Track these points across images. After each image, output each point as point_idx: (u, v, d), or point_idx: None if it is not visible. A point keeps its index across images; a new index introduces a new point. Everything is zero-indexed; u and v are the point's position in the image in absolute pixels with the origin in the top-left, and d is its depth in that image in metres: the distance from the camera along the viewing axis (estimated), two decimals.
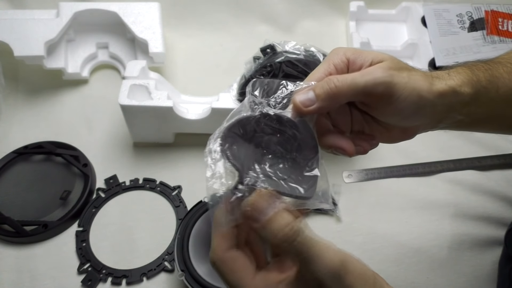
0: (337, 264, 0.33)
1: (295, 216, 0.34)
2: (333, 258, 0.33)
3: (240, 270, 0.34)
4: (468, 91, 0.41)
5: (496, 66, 0.44)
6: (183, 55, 0.85)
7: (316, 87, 0.38)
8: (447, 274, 0.61)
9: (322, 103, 0.38)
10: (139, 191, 0.70)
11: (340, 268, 0.33)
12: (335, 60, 0.40)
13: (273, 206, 0.33)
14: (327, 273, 0.33)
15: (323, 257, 0.33)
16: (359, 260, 0.35)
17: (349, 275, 0.33)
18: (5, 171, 0.70)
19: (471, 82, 0.41)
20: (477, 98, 0.42)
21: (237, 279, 0.34)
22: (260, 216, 0.33)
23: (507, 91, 0.43)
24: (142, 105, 0.66)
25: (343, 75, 0.39)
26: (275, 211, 0.33)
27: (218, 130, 0.37)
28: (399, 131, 0.43)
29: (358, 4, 0.85)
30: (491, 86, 0.42)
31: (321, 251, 0.33)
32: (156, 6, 0.80)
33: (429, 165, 0.71)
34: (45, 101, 0.79)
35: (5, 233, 0.64)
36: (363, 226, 0.66)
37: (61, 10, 0.77)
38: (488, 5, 0.83)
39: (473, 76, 0.42)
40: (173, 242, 0.64)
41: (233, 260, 0.34)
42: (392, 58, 0.41)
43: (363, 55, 0.40)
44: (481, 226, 0.65)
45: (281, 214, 0.33)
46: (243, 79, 0.65)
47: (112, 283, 0.61)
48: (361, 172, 0.71)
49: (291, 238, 0.32)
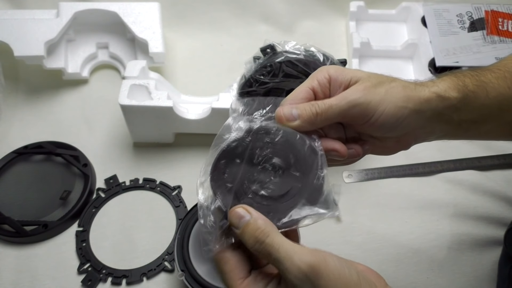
0: (306, 266, 0.33)
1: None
2: (302, 259, 0.33)
3: (229, 271, 0.36)
4: (454, 95, 0.42)
5: (484, 72, 0.45)
6: (183, 55, 0.85)
7: (299, 107, 0.40)
8: (447, 274, 0.61)
9: (303, 124, 0.40)
10: (139, 191, 0.70)
11: (309, 272, 0.33)
12: (318, 76, 0.42)
13: (249, 215, 0.36)
14: (297, 275, 0.33)
15: (291, 258, 0.33)
16: (342, 264, 0.34)
17: (322, 278, 0.33)
18: (5, 171, 0.70)
19: (456, 87, 0.42)
20: (466, 102, 0.43)
21: (226, 279, 0.37)
22: (239, 223, 0.36)
23: (497, 96, 0.44)
24: (142, 105, 0.66)
25: (323, 101, 0.41)
26: (253, 217, 0.36)
27: (206, 163, 0.39)
28: (393, 141, 0.44)
29: (358, 4, 0.85)
30: (480, 90, 0.43)
31: (289, 253, 0.34)
32: (156, 6, 0.80)
33: (429, 165, 0.71)
34: (45, 101, 0.79)
35: (5, 233, 0.64)
36: (363, 226, 0.66)
37: (61, 10, 0.77)
38: (488, 5, 0.83)
39: (458, 81, 0.43)
40: (173, 242, 0.64)
41: (225, 261, 0.37)
42: (369, 75, 0.42)
43: (343, 73, 0.42)
44: (481, 226, 0.65)
45: (255, 221, 0.35)
46: (243, 79, 0.65)
47: (112, 283, 0.61)
48: (361, 172, 0.71)
49: (260, 240, 0.35)
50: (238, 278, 0.36)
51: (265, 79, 0.62)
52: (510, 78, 0.44)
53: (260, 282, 0.36)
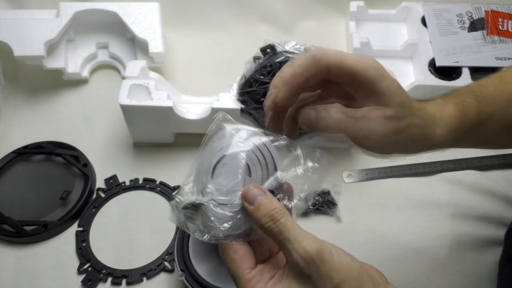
0: (312, 251, 0.34)
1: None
2: (310, 243, 0.34)
3: (237, 260, 0.37)
4: (456, 136, 0.44)
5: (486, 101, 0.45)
6: (183, 55, 0.85)
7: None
8: (447, 274, 0.61)
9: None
10: (139, 191, 0.70)
11: (315, 256, 0.34)
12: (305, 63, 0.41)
13: (265, 195, 0.37)
14: (303, 257, 0.34)
15: (301, 240, 0.34)
16: (345, 254, 0.35)
17: (326, 264, 0.34)
18: (5, 171, 0.70)
19: (461, 126, 0.44)
20: (466, 133, 0.45)
21: (233, 268, 0.37)
22: (254, 200, 0.37)
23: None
24: (142, 105, 0.66)
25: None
26: (268, 197, 0.37)
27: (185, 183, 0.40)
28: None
29: (358, 4, 0.85)
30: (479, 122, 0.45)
31: (300, 235, 0.35)
32: (156, 6, 0.80)
33: (429, 165, 0.71)
34: (45, 101, 0.79)
35: (5, 233, 0.64)
36: (363, 226, 0.66)
37: (61, 10, 0.77)
38: (488, 5, 0.83)
39: (462, 120, 0.44)
40: (173, 242, 0.64)
41: (234, 250, 0.37)
42: (392, 92, 0.41)
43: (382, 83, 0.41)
44: (481, 226, 0.65)
45: (271, 200, 0.37)
46: (243, 79, 0.65)
47: (112, 283, 0.61)
48: (361, 172, 0.71)
49: (276, 218, 0.35)
50: (246, 267, 0.37)
51: (265, 79, 0.62)
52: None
53: (266, 273, 0.36)
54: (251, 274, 0.36)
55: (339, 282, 0.34)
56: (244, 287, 0.36)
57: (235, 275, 0.37)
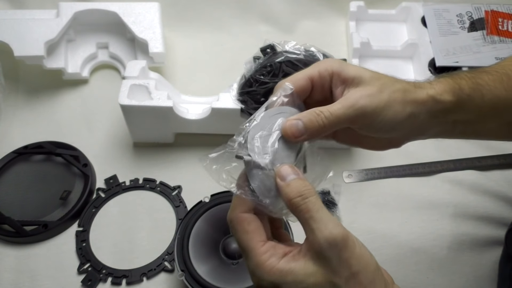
0: (338, 234, 0.34)
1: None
2: (336, 227, 0.34)
3: (251, 231, 0.37)
4: (449, 99, 0.42)
5: (481, 74, 0.45)
6: (183, 55, 0.85)
7: (305, 118, 0.39)
8: (447, 274, 0.61)
9: (310, 137, 0.40)
10: (139, 191, 0.70)
11: (339, 240, 0.34)
12: (321, 68, 0.42)
13: (298, 175, 0.38)
14: (327, 238, 0.34)
15: (328, 222, 0.35)
16: (365, 248, 0.36)
17: (348, 250, 0.34)
18: (5, 171, 0.70)
19: (452, 90, 0.43)
20: (461, 105, 0.43)
21: (247, 239, 0.37)
22: (287, 177, 0.37)
23: (492, 98, 0.44)
24: (142, 105, 0.66)
25: (330, 111, 0.40)
26: (300, 177, 0.37)
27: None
28: (385, 140, 0.45)
29: (358, 4, 0.85)
30: (475, 93, 0.43)
31: (328, 217, 0.35)
32: (156, 6, 0.80)
33: (429, 165, 0.71)
34: (45, 101, 0.79)
35: (5, 233, 0.64)
36: (363, 226, 0.66)
37: (61, 10, 0.77)
38: (488, 5, 0.83)
39: (454, 84, 0.43)
40: (173, 242, 0.64)
41: (248, 221, 0.37)
42: (371, 76, 0.42)
43: (347, 70, 0.42)
44: (481, 226, 0.65)
45: (303, 180, 0.37)
46: (243, 79, 0.65)
47: (112, 283, 0.61)
48: (361, 172, 0.71)
49: (306, 195, 0.36)
50: (260, 240, 0.37)
51: (265, 79, 0.62)
52: (507, 80, 0.44)
53: (279, 249, 0.36)
54: (265, 247, 0.36)
55: (356, 272, 0.34)
56: (257, 260, 0.36)
57: (248, 246, 0.36)
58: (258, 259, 0.36)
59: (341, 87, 0.42)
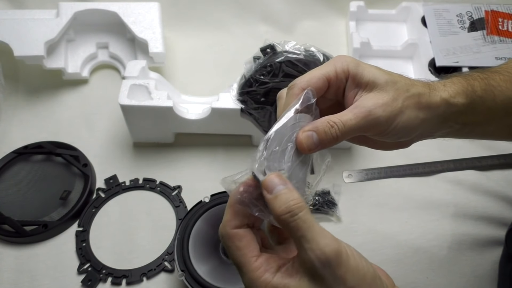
0: (330, 252, 0.33)
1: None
2: (329, 244, 0.33)
3: (243, 247, 0.36)
4: (462, 102, 0.42)
5: (493, 75, 0.45)
6: (183, 55, 0.85)
7: (319, 130, 0.39)
8: (447, 274, 0.61)
9: (324, 147, 0.39)
10: (139, 191, 0.70)
11: (332, 258, 0.33)
12: (338, 67, 0.41)
13: (286, 185, 0.36)
14: (319, 258, 0.33)
15: (319, 240, 0.33)
16: (360, 257, 0.35)
17: (342, 266, 0.33)
18: (5, 171, 0.70)
19: (465, 92, 0.42)
20: (473, 107, 0.43)
21: (239, 256, 0.36)
22: (274, 188, 0.35)
23: (504, 100, 0.44)
24: (142, 105, 0.66)
25: (342, 121, 0.39)
26: (288, 188, 0.35)
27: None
28: (394, 143, 0.45)
29: (358, 4, 0.85)
30: (487, 95, 0.43)
31: (319, 234, 0.33)
32: (156, 6, 0.80)
33: (429, 165, 0.71)
34: (45, 101, 0.79)
35: (5, 233, 0.64)
36: (363, 226, 0.66)
37: (61, 10, 0.77)
38: (488, 5, 0.83)
39: (468, 86, 0.43)
40: (173, 242, 0.64)
41: (239, 237, 0.36)
42: (386, 81, 0.41)
43: (362, 73, 0.41)
44: (481, 226, 0.65)
45: (291, 191, 0.35)
46: (243, 79, 0.65)
47: (112, 283, 0.61)
48: (361, 172, 0.71)
49: (294, 211, 0.34)
50: (252, 255, 0.36)
51: (265, 79, 0.62)
52: None
53: (273, 263, 0.35)
54: (258, 263, 0.35)
55: (353, 286, 0.33)
56: (251, 276, 0.35)
57: (241, 263, 0.36)
58: (251, 275, 0.35)
59: (354, 91, 0.41)
